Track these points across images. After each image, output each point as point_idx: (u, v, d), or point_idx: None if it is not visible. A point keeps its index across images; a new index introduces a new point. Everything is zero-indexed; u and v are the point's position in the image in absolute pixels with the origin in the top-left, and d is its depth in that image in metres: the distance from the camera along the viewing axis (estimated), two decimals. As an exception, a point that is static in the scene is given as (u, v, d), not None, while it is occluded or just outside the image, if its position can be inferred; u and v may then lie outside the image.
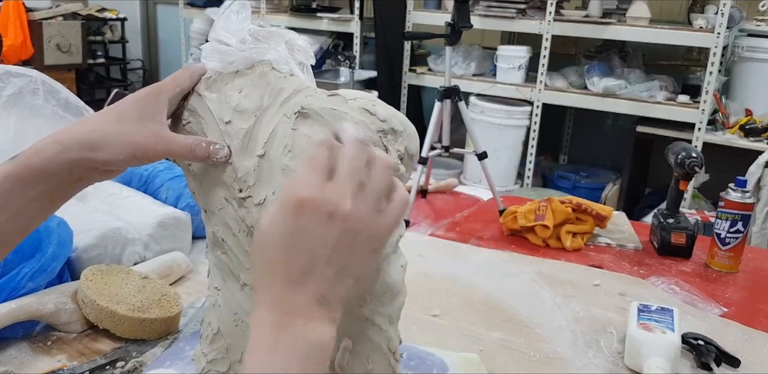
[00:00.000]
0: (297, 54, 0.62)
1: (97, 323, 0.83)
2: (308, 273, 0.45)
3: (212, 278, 0.63)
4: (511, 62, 3.41)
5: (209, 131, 0.59)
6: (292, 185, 0.46)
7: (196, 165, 0.60)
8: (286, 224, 0.45)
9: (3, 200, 0.54)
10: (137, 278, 0.90)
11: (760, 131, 2.90)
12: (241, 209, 0.57)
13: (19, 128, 1.04)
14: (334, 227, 0.44)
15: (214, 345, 0.61)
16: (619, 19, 3.22)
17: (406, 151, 0.59)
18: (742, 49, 3.05)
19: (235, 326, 0.59)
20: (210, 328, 0.61)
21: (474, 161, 2.87)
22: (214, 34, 0.61)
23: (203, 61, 0.61)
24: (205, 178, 0.60)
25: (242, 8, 0.61)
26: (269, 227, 0.46)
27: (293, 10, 4.16)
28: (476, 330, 0.94)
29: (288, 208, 0.45)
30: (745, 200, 1.18)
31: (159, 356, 0.81)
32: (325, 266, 0.45)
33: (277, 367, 0.43)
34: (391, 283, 0.59)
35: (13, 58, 4.54)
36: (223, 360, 0.60)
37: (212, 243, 0.61)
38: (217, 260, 0.61)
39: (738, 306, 1.07)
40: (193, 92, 0.61)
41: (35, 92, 1.06)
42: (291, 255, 0.45)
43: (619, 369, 0.86)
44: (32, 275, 0.83)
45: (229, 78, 0.60)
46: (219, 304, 0.61)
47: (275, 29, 0.62)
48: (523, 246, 1.30)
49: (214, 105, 0.59)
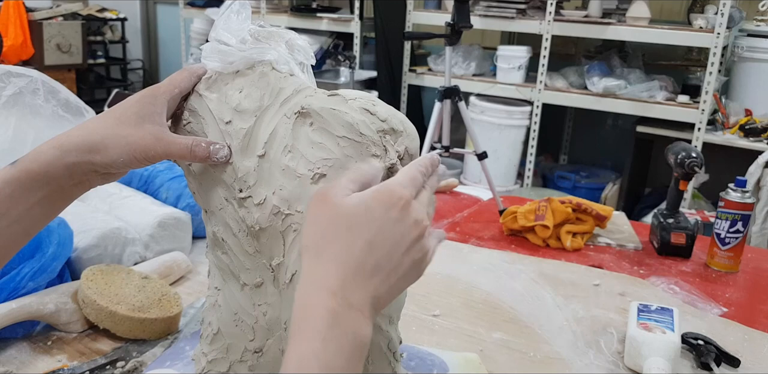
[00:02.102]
0: (297, 54, 0.62)
1: (98, 323, 0.84)
2: (378, 270, 0.45)
3: (212, 278, 0.63)
4: (511, 62, 3.41)
5: (209, 131, 0.59)
6: (394, 181, 0.48)
7: (197, 165, 0.60)
8: (380, 213, 0.45)
9: (4, 206, 0.53)
10: (137, 278, 0.90)
11: (760, 131, 2.90)
12: (242, 209, 0.57)
13: (19, 128, 1.04)
14: (415, 234, 0.47)
15: (215, 345, 0.61)
16: (619, 19, 3.22)
17: (406, 151, 0.58)
18: (742, 49, 3.05)
19: (235, 326, 0.59)
20: (210, 328, 0.62)
21: (474, 161, 2.87)
22: (214, 34, 0.61)
23: (203, 62, 0.61)
24: (205, 178, 0.60)
25: (242, 8, 0.61)
26: (362, 210, 0.45)
27: (293, 10, 4.16)
28: (476, 330, 0.94)
29: (386, 200, 0.46)
30: (745, 200, 1.18)
31: (159, 356, 0.81)
32: (392, 268, 0.45)
33: (326, 358, 0.41)
34: None
35: (13, 58, 4.54)
36: (223, 360, 0.61)
37: (212, 243, 0.61)
38: (218, 260, 0.61)
39: (738, 306, 1.07)
40: (193, 92, 0.61)
41: (35, 92, 1.06)
42: (373, 247, 0.45)
43: (619, 369, 0.86)
44: (33, 275, 0.83)
45: (229, 78, 0.60)
46: (219, 304, 0.61)
47: (275, 29, 0.62)
48: (523, 246, 1.30)
49: (215, 105, 0.59)
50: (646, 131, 3.14)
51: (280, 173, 0.56)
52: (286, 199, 0.55)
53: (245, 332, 0.59)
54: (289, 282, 0.56)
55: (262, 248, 0.57)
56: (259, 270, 0.58)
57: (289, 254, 0.56)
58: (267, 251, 0.57)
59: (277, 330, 0.58)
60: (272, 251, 0.57)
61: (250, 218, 0.57)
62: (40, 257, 0.85)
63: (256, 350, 0.59)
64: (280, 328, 0.58)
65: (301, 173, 0.55)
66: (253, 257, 0.58)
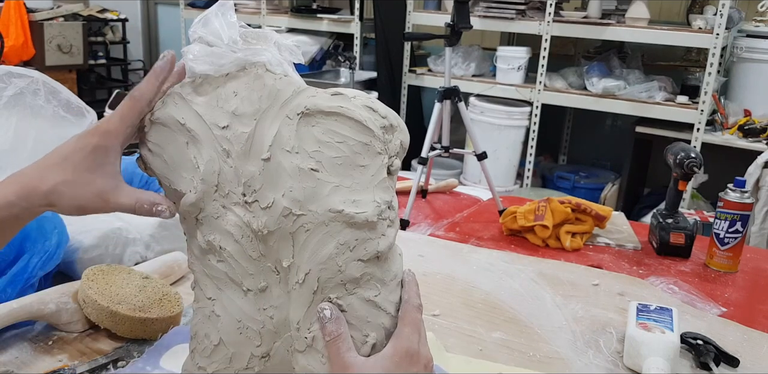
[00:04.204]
0: (285, 53, 0.62)
1: (99, 323, 0.84)
2: None
3: (202, 288, 0.60)
4: (510, 63, 3.41)
5: (198, 134, 0.58)
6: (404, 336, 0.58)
7: None
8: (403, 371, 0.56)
9: None
10: (138, 278, 0.91)
11: (759, 131, 2.91)
12: (247, 214, 0.57)
13: (20, 128, 1.04)
14: None
15: (215, 357, 0.59)
16: (618, 20, 3.22)
17: (401, 145, 0.61)
18: (741, 49, 3.05)
19: (240, 334, 0.58)
20: (208, 340, 0.59)
21: (474, 162, 2.87)
22: (199, 35, 0.59)
23: (190, 65, 0.59)
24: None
25: (228, 9, 0.59)
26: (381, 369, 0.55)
27: (293, 10, 4.16)
28: (476, 329, 0.95)
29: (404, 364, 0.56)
30: (744, 200, 1.18)
31: (150, 353, 0.81)
32: None
33: None
34: (396, 271, 0.60)
35: (14, 58, 4.54)
36: (226, 370, 0.60)
37: (203, 253, 0.59)
38: (210, 269, 0.59)
39: (737, 306, 1.07)
40: (169, 98, 0.59)
41: (36, 93, 1.06)
42: None
43: (618, 369, 0.86)
44: (42, 264, 0.87)
45: (219, 81, 0.59)
46: (217, 314, 0.59)
47: (261, 30, 0.61)
48: (522, 246, 1.30)
49: (204, 109, 0.58)
50: (645, 132, 3.14)
51: (288, 175, 0.56)
52: (298, 200, 0.55)
53: (251, 338, 0.58)
54: (302, 282, 0.56)
55: (269, 252, 0.57)
56: (264, 274, 0.58)
57: (301, 254, 0.56)
58: (274, 254, 0.57)
59: (285, 332, 0.58)
60: (280, 254, 0.57)
61: (257, 222, 0.56)
62: (47, 246, 0.88)
63: (263, 355, 0.58)
64: (289, 329, 0.58)
65: (311, 173, 0.56)
66: (257, 261, 0.58)
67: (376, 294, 0.57)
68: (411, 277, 0.63)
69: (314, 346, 0.56)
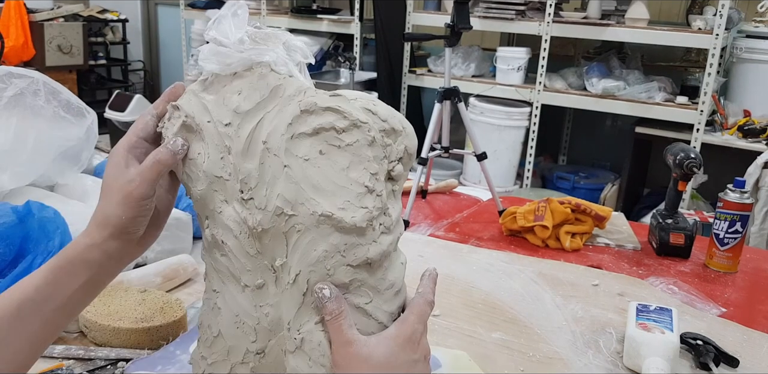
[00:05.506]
0: (294, 54, 0.62)
1: (106, 343, 0.84)
2: None
3: (210, 280, 0.62)
4: (510, 63, 3.42)
5: (205, 129, 0.59)
6: (408, 325, 0.57)
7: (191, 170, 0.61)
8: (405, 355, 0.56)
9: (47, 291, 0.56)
10: (136, 293, 0.91)
11: (759, 131, 2.91)
12: (244, 211, 0.57)
13: (21, 128, 1.04)
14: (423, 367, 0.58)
15: (215, 347, 0.60)
16: (617, 20, 3.22)
17: (406, 150, 0.59)
18: (741, 50, 3.05)
19: (237, 328, 0.59)
20: (210, 331, 0.61)
21: (473, 162, 2.87)
22: (211, 36, 0.60)
23: (201, 64, 0.61)
24: (201, 181, 0.60)
25: (240, 10, 0.61)
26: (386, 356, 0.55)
27: (293, 11, 4.16)
28: (476, 329, 0.95)
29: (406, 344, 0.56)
30: (744, 200, 1.18)
31: (146, 357, 0.81)
32: None
33: None
34: (393, 280, 0.59)
35: (14, 59, 4.54)
36: (224, 362, 0.60)
37: (210, 245, 0.61)
38: (216, 262, 0.60)
39: (736, 306, 1.07)
40: (185, 95, 0.61)
41: (36, 93, 1.07)
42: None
43: (618, 369, 0.86)
44: None
45: (227, 80, 0.60)
46: (219, 307, 0.60)
47: (272, 31, 0.62)
48: (522, 247, 1.30)
49: (212, 106, 0.59)
50: (644, 132, 3.15)
51: (282, 175, 0.56)
52: (289, 200, 0.56)
53: (247, 333, 0.59)
54: (293, 283, 0.56)
55: (264, 250, 0.58)
56: (261, 271, 0.58)
57: (293, 254, 0.56)
58: (269, 253, 0.57)
59: (279, 331, 0.58)
60: (275, 252, 0.57)
61: (252, 219, 0.57)
62: (50, 246, 0.88)
63: (258, 351, 0.59)
64: (282, 329, 0.58)
65: (304, 175, 0.56)
66: (255, 258, 0.58)
67: (366, 302, 0.57)
68: (431, 273, 0.63)
69: (303, 348, 0.56)
